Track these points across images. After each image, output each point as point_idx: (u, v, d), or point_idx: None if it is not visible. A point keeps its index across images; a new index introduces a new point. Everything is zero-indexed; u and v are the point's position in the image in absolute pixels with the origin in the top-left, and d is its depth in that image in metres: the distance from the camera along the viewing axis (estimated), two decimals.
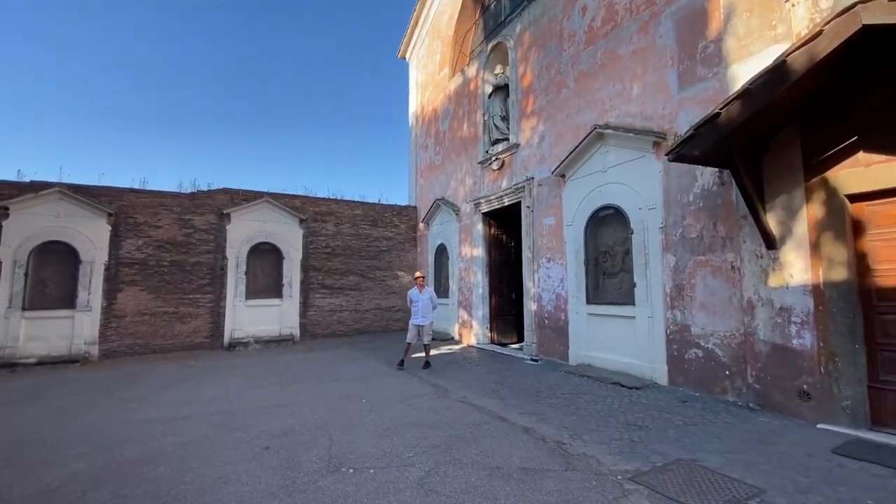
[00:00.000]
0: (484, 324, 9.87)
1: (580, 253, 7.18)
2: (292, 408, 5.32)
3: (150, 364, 8.71)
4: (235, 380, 7.00)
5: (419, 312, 7.69)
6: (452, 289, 11.11)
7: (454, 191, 11.37)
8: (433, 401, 5.53)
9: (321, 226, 12.24)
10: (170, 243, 10.35)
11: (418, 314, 7.68)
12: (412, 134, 14.42)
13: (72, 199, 9.45)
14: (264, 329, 11.07)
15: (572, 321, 7.29)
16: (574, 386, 6.04)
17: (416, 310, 7.70)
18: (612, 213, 6.70)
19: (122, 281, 9.82)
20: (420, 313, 7.68)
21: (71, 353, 9.11)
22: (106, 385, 6.81)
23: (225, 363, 8.57)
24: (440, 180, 12.19)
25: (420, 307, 7.68)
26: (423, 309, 7.68)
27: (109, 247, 9.77)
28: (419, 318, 7.67)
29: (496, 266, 10.12)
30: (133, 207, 10.10)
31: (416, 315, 7.69)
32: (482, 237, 10.06)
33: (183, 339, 10.24)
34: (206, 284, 10.61)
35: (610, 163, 6.72)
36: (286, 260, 11.54)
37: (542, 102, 8.34)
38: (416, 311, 7.70)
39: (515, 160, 8.98)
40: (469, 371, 7.35)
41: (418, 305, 7.70)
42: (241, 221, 11.13)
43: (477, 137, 10.37)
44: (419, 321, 7.67)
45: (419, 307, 7.70)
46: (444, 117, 12.12)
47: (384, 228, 13.15)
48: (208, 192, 10.96)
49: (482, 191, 10.04)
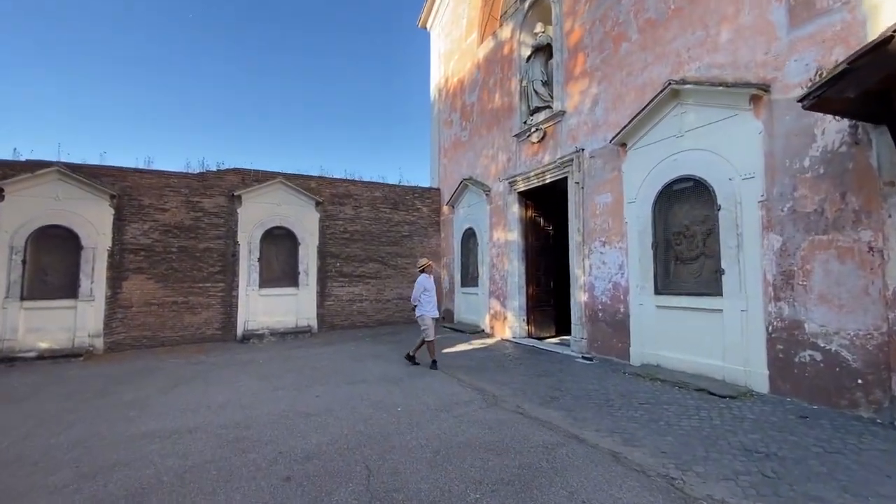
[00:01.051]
0: (520, 316, 8.89)
1: (646, 235, 6.11)
2: (316, 419, 4.45)
3: (157, 359, 7.97)
4: (249, 380, 6.18)
5: (434, 302, 6.85)
6: (482, 277, 10.13)
7: (484, 169, 10.31)
8: (483, 411, 4.59)
9: (339, 209, 11.32)
10: (177, 228, 9.55)
11: (433, 304, 6.83)
12: (434, 110, 13.33)
13: (71, 179, 8.67)
14: (279, 320, 10.28)
15: (635, 314, 6.26)
16: (650, 393, 5.04)
17: (429, 299, 6.79)
18: (690, 186, 5.60)
19: (127, 268, 9.07)
20: (434, 304, 6.86)
21: (74, 347, 8.42)
22: (106, 385, 6.04)
23: (238, 358, 7.78)
24: (467, 158, 11.12)
25: (433, 297, 6.85)
26: (436, 298, 6.98)
27: (113, 231, 9.01)
28: (434, 309, 6.84)
29: (533, 252, 9.10)
30: (138, 189, 9.29)
31: (430, 304, 6.78)
32: (518, 220, 9.02)
33: (193, 331, 9.50)
34: (217, 272, 9.83)
35: (688, 125, 5.60)
36: (302, 246, 10.68)
37: (594, 61, 7.18)
38: (431, 301, 6.80)
39: (560, 130, 7.87)
40: (513, 371, 6.40)
41: (432, 294, 6.83)
42: (253, 204, 10.27)
43: (512, 108, 9.26)
44: (436, 313, 6.88)
45: (433, 296, 6.84)
46: (472, 88, 11.00)
47: (405, 212, 12.18)
48: (218, 173, 10.10)
49: (518, 167, 8.96)
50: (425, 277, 6.81)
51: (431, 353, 6.73)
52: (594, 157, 7.10)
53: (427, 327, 6.65)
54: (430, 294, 6.76)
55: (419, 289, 6.76)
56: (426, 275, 6.86)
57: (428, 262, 7.02)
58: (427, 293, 6.74)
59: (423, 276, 6.83)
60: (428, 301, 6.73)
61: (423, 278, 6.81)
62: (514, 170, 9.11)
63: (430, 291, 6.78)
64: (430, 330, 6.65)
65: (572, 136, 7.59)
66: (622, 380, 5.64)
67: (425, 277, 6.81)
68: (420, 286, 6.76)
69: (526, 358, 7.30)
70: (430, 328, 6.66)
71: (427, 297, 6.73)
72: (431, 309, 6.73)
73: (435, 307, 6.80)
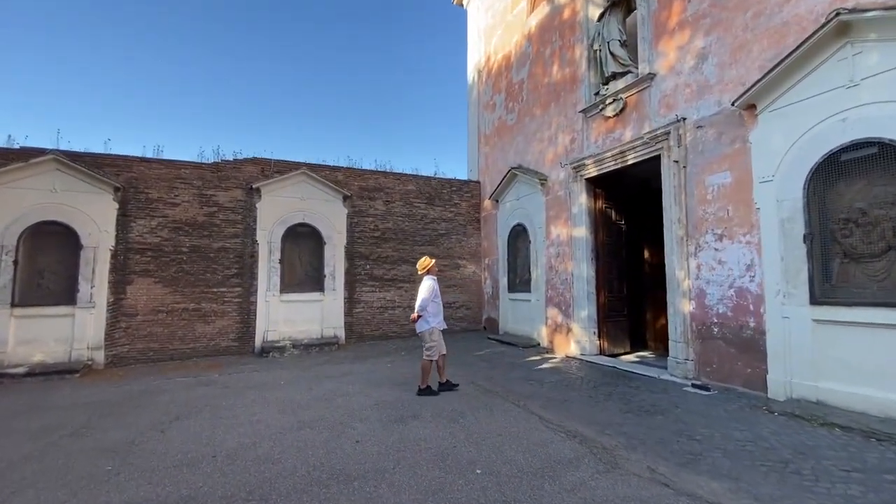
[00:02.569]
0: (590, 328, 7.36)
1: (794, 224, 4.54)
2: (362, 486, 3.05)
3: (163, 376, 6.75)
4: (268, 411, 4.85)
5: (441, 311, 5.57)
6: (537, 281, 8.63)
7: (538, 155, 8.85)
8: (604, 479, 3.11)
9: (368, 204, 10.02)
10: (189, 224, 8.38)
11: (441, 314, 5.56)
12: (471, 94, 11.94)
13: (71, 169, 7.59)
14: (303, 330, 9.00)
15: (776, 331, 4.67)
16: (840, 448, 3.46)
17: (438, 308, 5.50)
18: (871, 153, 4.02)
19: (133, 271, 7.94)
20: (441, 312, 5.58)
21: (71, 361, 7.30)
22: (91, 416, 4.80)
23: (256, 379, 6.49)
24: (515, 144, 9.67)
25: (440, 304, 5.61)
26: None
27: (117, 228, 7.90)
28: (442, 319, 5.58)
29: (605, 252, 7.57)
30: (145, 180, 8.17)
31: (438, 314, 5.50)
32: (586, 212, 7.51)
33: (206, 343, 8.29)
34: (234, 275, 8.62)
35: (867, 70, 4.03)
36: (328, 245, 9.40)
37: (699, 6, 5.66)
38: (439, 310, 5.52)
39: (648, 98, 6.36)
40: (608, 405, 4.88)
41: (440, 302, 5.57)
42: (273, 198, 9.06)
43: (576, 79, 7.78)
44: (444, 324, 5.63)
45: (440, 304, 5.57)
46: (521, 64, 9.57)
47: (442, 207, 10.80)
48: (234, 163, 8.93)
49: (587, 149, 7.46)
50: (433, 280, 5.52)
51: (442, 373, 5.57)
52: (703, 128, 5.56)
53: (435, 343, 5.39)
54: (439, 302, 5.52)
55: (431, 293, 5.39)
56: (432, 277, 5.57)
57: (432, 260, 5.72)
58: (436, 301, 5.48)
59: (431, 279, 5.52)
60: (436, 311, 5.46)
61: (431, 281, 5.48)
62: (580, 152, 7.61)
63: (439, 298, 5.56)
64: (439, 346, 5.41)
65: (666, 103, 6.06)
66: (775, 423, 4.06)
67: (433, 280, 5.52)
68: (431, 291, 5.41)
69: (612, 383, 5.77)
70: (440, 344, 5.43)
71: (435, 305, 5.46)
72: (440, 320, 5.51)
73: (440, 317, 5.53)
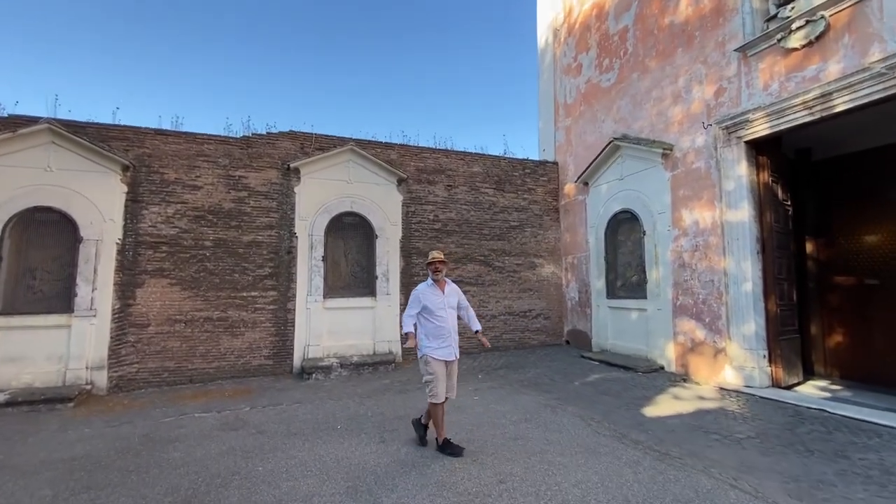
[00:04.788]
0: (758, 349, 5.24)
1: None
2: None
3: (176, 408, 5.05)
4: (329, 486, 2.99)
5: (449, 331, 3.70)
6: (658, 284, 6.56)
7: (654, 119, 6.80)
8: None
9: (427, 189, 8.17)
10: (213, 212, 6.72)
11: (448, 335, 3.69)
12: (544, 59, 9.98)
13: (69, 142, 6.04)
14: (351, 344, 7.20)
15: None
16: None
17: (441, 326, 3.68)
18: None
19: (144, 270, 6.31)
20: (451, 332, 3.71)
21: (65, 384, 5.69)
22: (59, 490, 3.06)
23: (300, 416, 4.67)
24: (616, 109, 7.65)
25: (448, 320, 3.72)
26: (454, 324, 3.76)
27: (125, 217, 6.30)
28: (450, 342, 3.69)
29: (773, 243, 5.45)
30: (160, 158, 6.56)
31: (442, 337, 3.67)
32: (748, 188, 5.41)
33: (233, 361, 6.58)
34: (267, 276, 6.90)
35: None
36: (380, 240, 7.59)
37: None
38: (443, 330, 3.68)
39: (876, 7, 4.25)
40: None
41: (444, 316, 3.71)
42: (314, 181, 7.32)
43: (723, 8, 5.72)
44: (453, 352, 3.70)
45: (446, 320, 3.71)
46: (623, 7, 7.54)
47: (514, 194, 8.85)
48: (268, 137, 7.23)
49: (750, 99, 5.37)
50: (428, 286, 3.81)
51: (440, 428, 3.67)
52: None
53: (432, 377, 3.61)
54: (438, 318, 3.71)
55: (412, 303, 3.78)
56: (431, 280, 3.83)
57: (439, 257, 3.84)
58: (429, 316, 3.72)
59: (426, 284, 3.84)
60: (434, 331, 3.69)
61: (426, 287, 3.81)
62: (735, 106, 5.53)
63: (442, 311, 3.74)
64: (438, 383, 3.60)
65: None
66: None
67: (428, 286, 3.81)
68: (414, 300, 3.78)
69: (849, 442, 3.67)
70: (440, 380, 3.61)
71: (431, 324, 3.71)
72: (441, 346, 3.67)
73: (448, 340, 3.70)
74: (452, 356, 3.69)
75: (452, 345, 3.70)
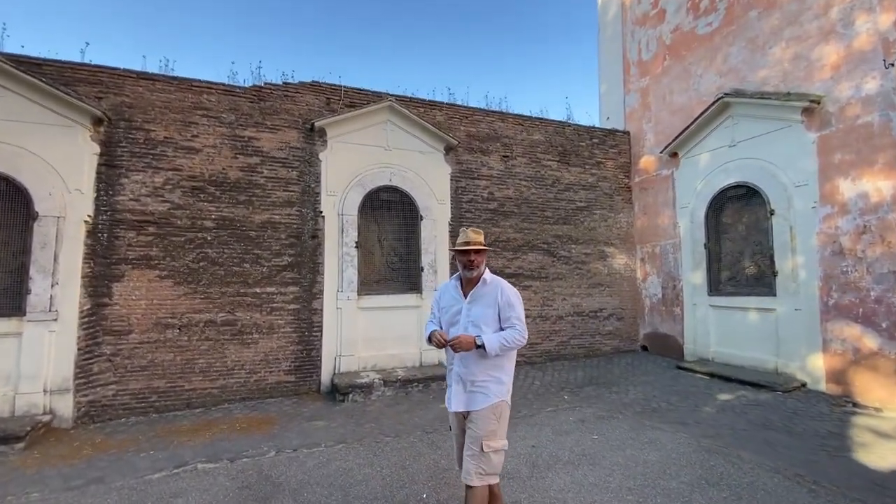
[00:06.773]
0: None
1: None
2: None
3: (168, 454, 3.51)
4: None
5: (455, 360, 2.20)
6: (794, 277, 5.08)
7: (787, 65, 5.28)
8: None
9: (480, 160, 6.62)
10: (216, 183, 5.12)
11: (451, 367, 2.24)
12: (607, 12, 8.41)
13: (21, 85, 4.42)
14: (393, 354, 5.67)
15: None
16: None
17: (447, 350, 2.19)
18: None
19: (124, 258, 4.71)
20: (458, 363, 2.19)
21: (13, 415, 4.12)
22: None
23: (352, 471, 3.12)
24: (720, 60, 6.12)
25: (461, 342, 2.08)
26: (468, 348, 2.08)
27: (97, 187, 4.68)
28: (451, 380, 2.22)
29: None
30: (145, 110, 4.94)
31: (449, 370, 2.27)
32: None
33: (244, 378, 5.02)
34: (286, 266, 5.33)
35: None
36: (425, 221, 6.05)
37: None
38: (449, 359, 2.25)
39: None
40: None
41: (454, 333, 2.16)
42: (344, 146, 5.74)
43: None
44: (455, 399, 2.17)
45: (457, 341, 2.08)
46: None
47: (580, 168, 7.32)
48: (285, 88, 5.63)
49: None
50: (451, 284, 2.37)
51: None
52: None
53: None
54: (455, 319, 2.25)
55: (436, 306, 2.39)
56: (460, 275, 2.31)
57: (476, 236, 2.24)
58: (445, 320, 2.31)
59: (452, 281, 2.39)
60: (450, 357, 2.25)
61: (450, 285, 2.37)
62: None
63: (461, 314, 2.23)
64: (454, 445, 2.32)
65: None
66: None
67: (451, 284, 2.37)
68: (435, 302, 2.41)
69: None
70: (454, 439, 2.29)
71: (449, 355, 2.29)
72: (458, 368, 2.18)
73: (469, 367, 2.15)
74: (453, 405, 2.16)
75: (456, 385, 2.16)
